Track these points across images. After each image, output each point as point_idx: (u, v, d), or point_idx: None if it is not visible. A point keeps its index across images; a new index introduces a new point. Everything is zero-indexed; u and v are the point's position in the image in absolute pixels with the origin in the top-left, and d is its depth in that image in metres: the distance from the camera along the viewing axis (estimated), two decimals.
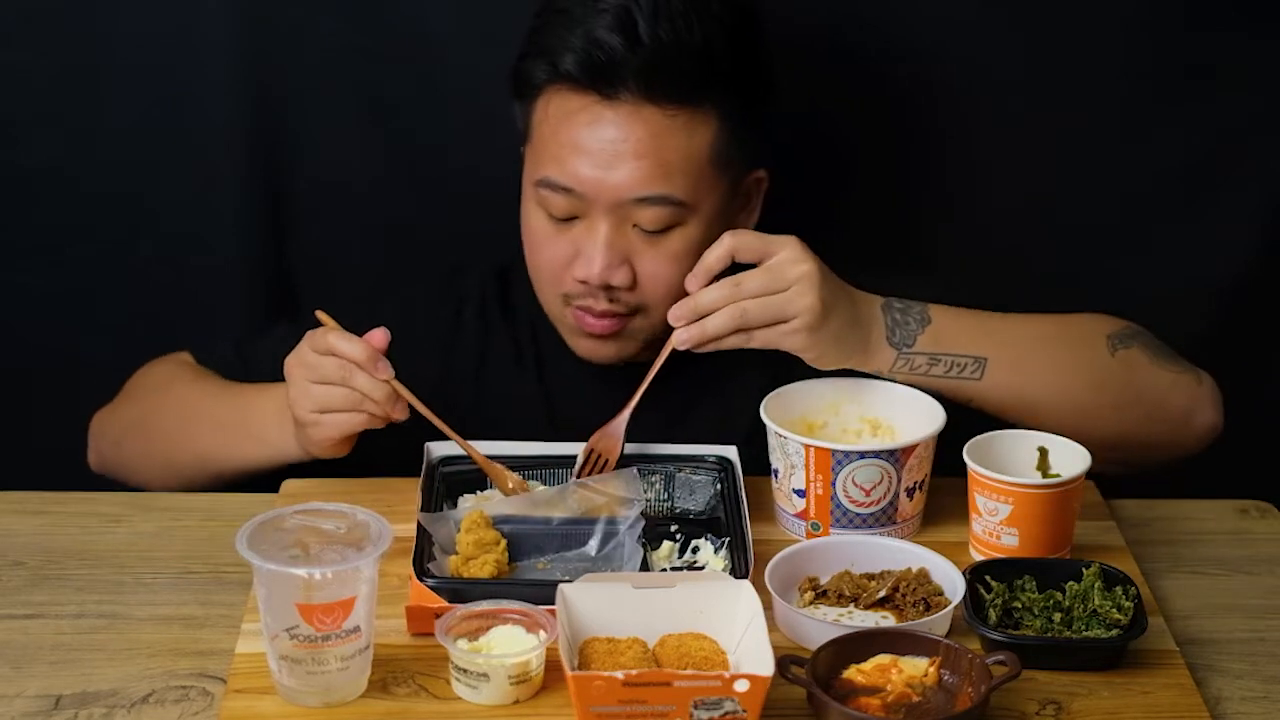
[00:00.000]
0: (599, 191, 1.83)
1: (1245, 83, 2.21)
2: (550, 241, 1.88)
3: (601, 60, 1.80)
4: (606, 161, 1.82)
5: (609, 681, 1.45)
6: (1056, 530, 1.73)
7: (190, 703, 1.55)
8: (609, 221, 1.85)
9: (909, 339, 1.82)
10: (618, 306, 1.88)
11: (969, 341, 1.85)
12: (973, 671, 1.52)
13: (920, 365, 1.83)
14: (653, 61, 1.80)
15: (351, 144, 2.22)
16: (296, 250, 2.26)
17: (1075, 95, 2.21)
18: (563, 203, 1.85)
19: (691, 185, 1.84)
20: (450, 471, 1.85)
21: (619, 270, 1.86)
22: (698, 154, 1.84)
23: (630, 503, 1.77)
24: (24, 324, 2.27)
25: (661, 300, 1.86)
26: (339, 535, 1.55)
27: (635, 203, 1.83)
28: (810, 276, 1.75)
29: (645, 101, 1.81)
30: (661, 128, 1.82)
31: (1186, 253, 2.26)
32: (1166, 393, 1.91)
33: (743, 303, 1.75)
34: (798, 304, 1.75)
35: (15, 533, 1.83)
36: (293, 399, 1.79)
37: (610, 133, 1.82)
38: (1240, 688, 1.61)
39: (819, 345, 1.77)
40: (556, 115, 1.85)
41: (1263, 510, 1.93)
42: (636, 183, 1.83)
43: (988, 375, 1.84)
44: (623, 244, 1.86)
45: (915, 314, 1.84)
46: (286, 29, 2.17)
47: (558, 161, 1.84)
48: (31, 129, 2.20)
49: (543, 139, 1.87)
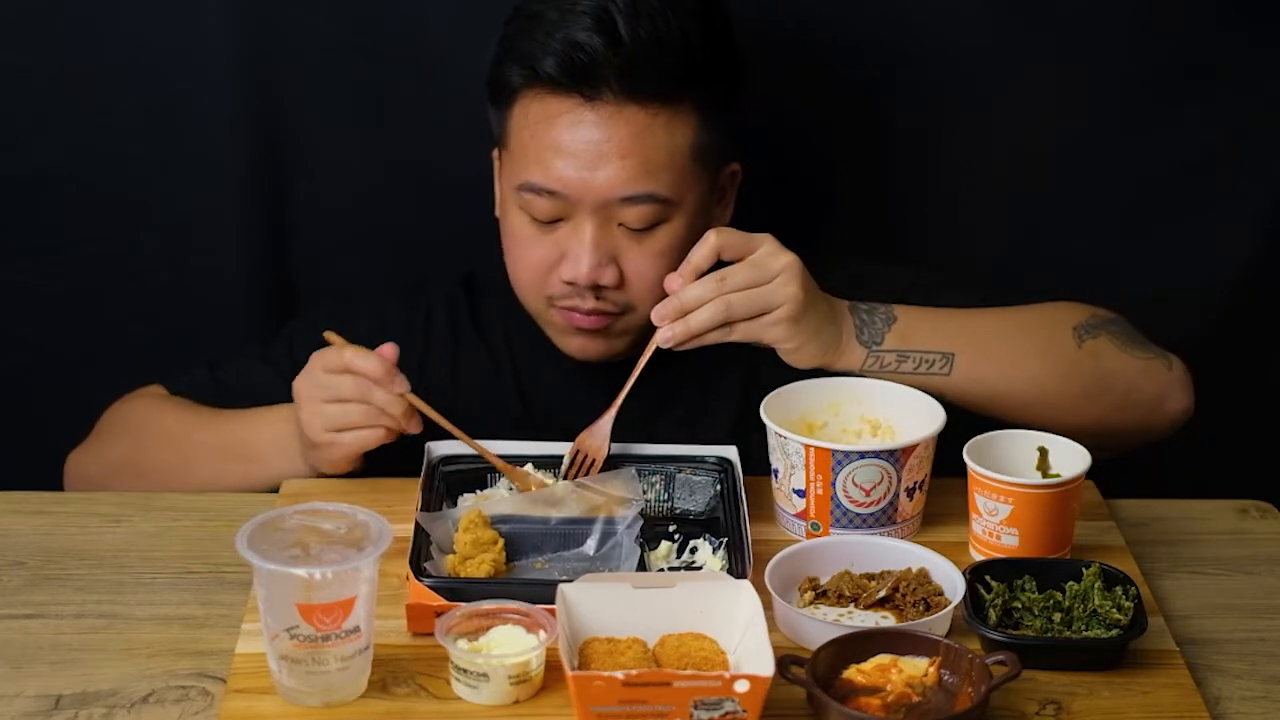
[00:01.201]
0: (584, 192, 1.83)
1: (1245, 83, 2.21)
2: (533, 244, 1.88)
3: (583, 62, 1.80)
4: (590, 162, 1.83)
5: (609, 681, 1.45)
6: (1056, 530, 1.73)
7: (190, 703, 1.55)
8: (594, 221, 1.85)
9: (877, 337, 1.84)
10: (605, 305, 1.89)
11: (935, 338, 1.86)
12: (973, 671, 1.52)
13: (890, 362, 1.85)
14: (634, 60, 1.80)
15: (351, 144, 2.22)
16: (296, 250, 2.26)
17: (1075, 95, 2.21)
18: (546, 205, 1.85)
19: (675, 182, 1.85)
20: (451, 471, 1.85)
21: (607, 269, 1.86)
22: (680, 150, 1.85)
23: (629, 503, 1.77)
24: (24, 324, 2.27)
25: (649, 297, 1.86)
26: (339, 535, 1.55)
27: (621, 202, 1.84)
28: (792, 267, 1.77)
29: (627, 100, 1.82)
30: (643, 126, 1.83)
31: (1186, 253, 2.26)
32: (1135, 379, 1.92)
33: (727, 296, 1.76)
34: (780, 294, 1.76)
35: (15, 533, 1.83)
36: (305, 420, 1.80)
37: (593, 134, 1.82)
38: (1240, 688, 1.61)
39: (799, 336, 1.79)
40: (536, 119, 1.85)
41: (1263, 510, 1.93)
42: (621, 182, 1.83)
43: (956, 370, 1.85)
44: (609, 243, 1.86)
45: (881, 314, 1.86)
46: (286, 29, 2.17)
47: (540, 165, 1.84)
48: (31, 129, 2.20)
49: (522, 143, 1.86)
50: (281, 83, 2.18)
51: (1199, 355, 2.21)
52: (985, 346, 1.87)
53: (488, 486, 1.85)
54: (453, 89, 2.18)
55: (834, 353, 1.83)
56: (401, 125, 2.21)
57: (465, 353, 2.03)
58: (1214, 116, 2.22)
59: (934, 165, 2.25)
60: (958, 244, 2.24)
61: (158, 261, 2.25)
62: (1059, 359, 1.90)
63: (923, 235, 2.27)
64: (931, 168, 2.25)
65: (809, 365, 1.83)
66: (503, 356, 2.02)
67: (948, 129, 2.23)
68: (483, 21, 2.15)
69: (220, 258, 2.24)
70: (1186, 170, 2.24)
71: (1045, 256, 2.27)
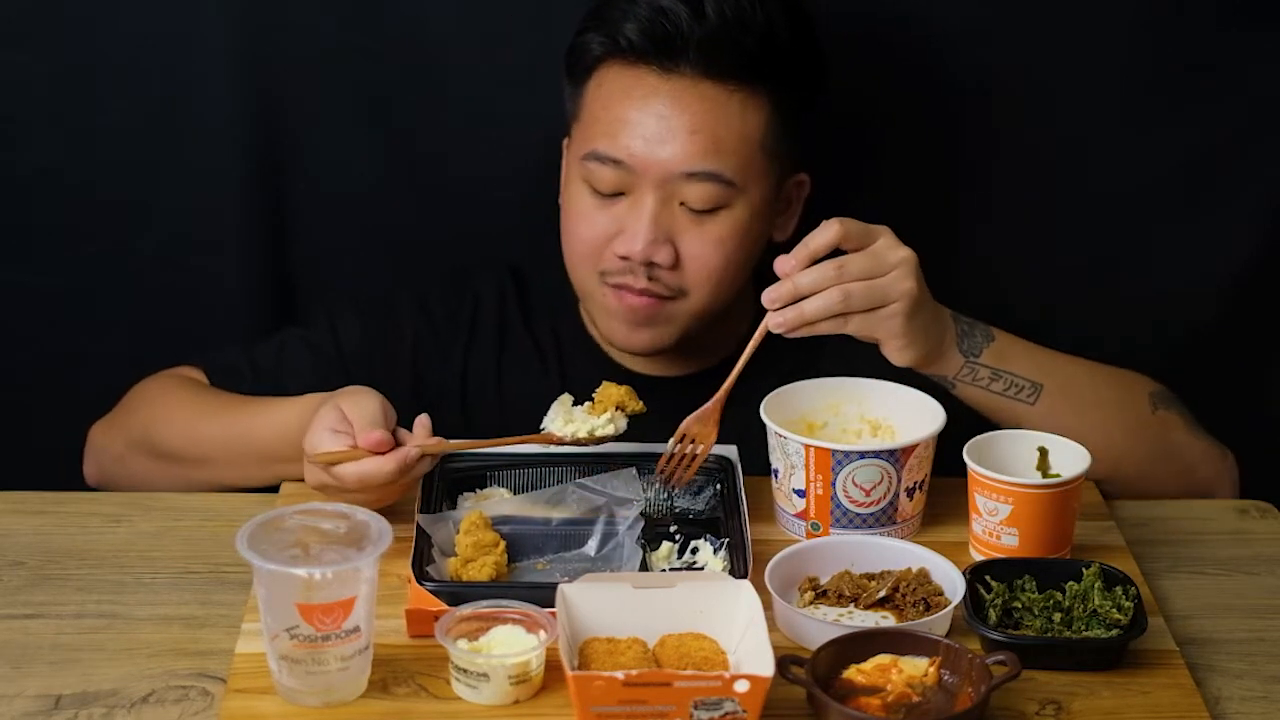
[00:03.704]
0: (648, 165, 1.84)
1: (1245, 83, 2.21)
2: (593, 217, 1.88)
3: (666, 30, 1.82)
4: (659, 135, 1.84)
5: (609, 682, 1.45)
6: (1056, 530, 1.73)
7: (190, 703, 1.55)
8: (656, 197, 1.85)
9: (975, 350, 1.84)
10: (657, 286, 1.87)
11: (1028, 365, 1.87)
12: (973, 671, 1.52)
13: (983, 377, 1.85)
14: (716, 35, 1.82)
15: (351, 144, 2.21)
16: (296, 250, 2.25)
17: (1075, 95, 2.21)
18: (611, 176, 1.86)
19: (742, 166, 1.85)
20: (451, 470, 1.85)
21: (663, 248, 1.86)
22: (750, 135, 1.86)
23: (629, 503, 1.77)
24: (24, 324, 2.27)
25: (702, 284, 1.86)
26: (339, 535, 1.55)
27: (684, 178, 1.84)
28: (910, 261, 1.76)
29: (703, 77, 1.83)
30: (717, 104, 1.84)
31: (1187, 252, 2.26)
32: (1196, 461, 1.95)
33: (846, 285, 1.73)
34: (898, 288, 1.75)
35: (15, 533, 1.83)
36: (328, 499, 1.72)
37: (665, 107, 1.84)
38: (1240, 688, 1.61)
39: (910, 333, 1.77)
40: (610, 90, 1.86)
41: (1263, 510, 1.93)
42: (688, 157, 1.83)
43: (1041, 401, 1.86)
44: (668, 221, 1.86)
45: (980, 330, 1.86)
46: (286, 29, 2.16)
47: (609, 135, 1.85)
48: (31, 129, 2.20)
49: (594, 114, 1.88)
50: (281, 83, 2.18)
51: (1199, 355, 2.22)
52: (1069, 387, 1.88)
53: (487, 486, 1.85)
54: (453, 89, 2.18)
55: (935, 354, 1.82)
56: (401, 125, 2.21)
57: (511, 347, 2.02)
58: (1214, 116, 2.22)
59: (934, 165, 2.24)
60: (957, 244, 2.23)
61: (157, 261, 2.24)
62: (1133, 418, 1.92)
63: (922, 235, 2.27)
64: (931, 168, 2.25)
65: (908, 364, 1.81)
66: (549, 350, 2.01)
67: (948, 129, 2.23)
68: (483, 21, 2.16)
69: (220, 258, 2.24)
70: (1186, 170, 2.24)
71: (1045, 256, 2.27)
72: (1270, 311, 2.30)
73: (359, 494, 1.72)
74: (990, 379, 1.85)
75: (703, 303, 1.90)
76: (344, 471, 1.71)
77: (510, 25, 2.15)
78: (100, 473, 2.04)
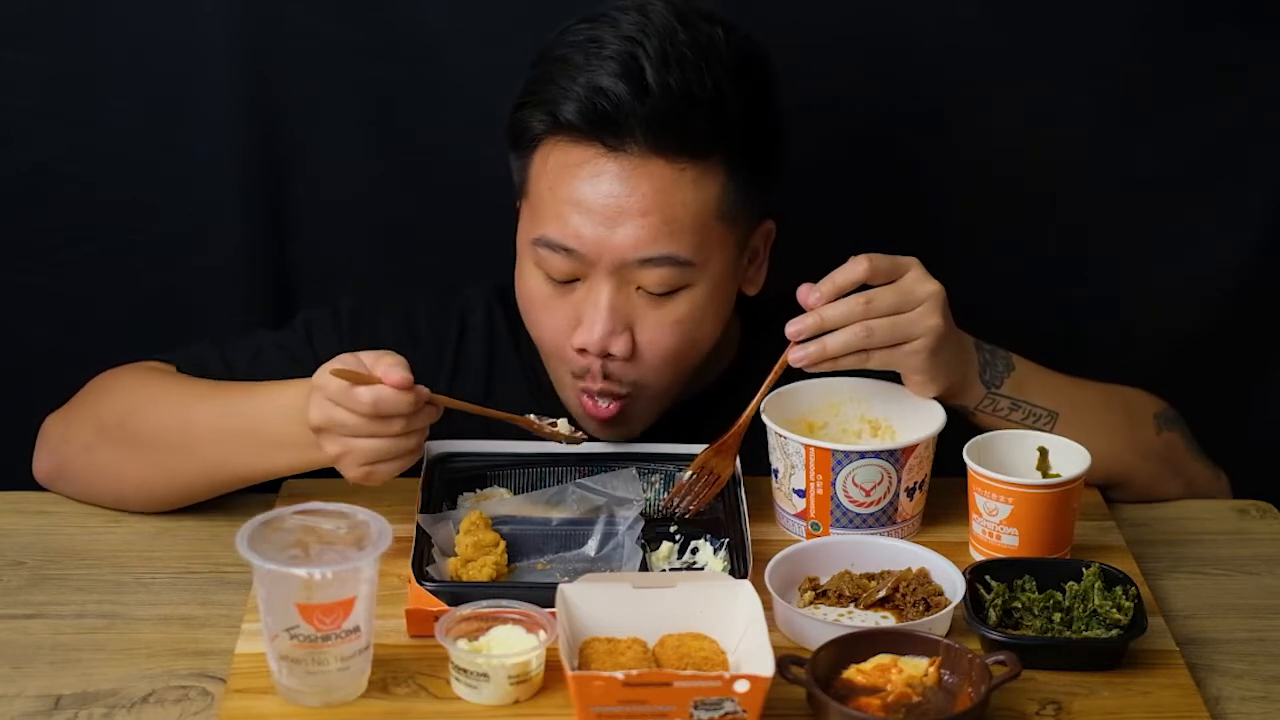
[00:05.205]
0: (601, 252, 1.75)
1: (1245, 83, 2.21)
2: (550, 307, 1.80)
3: (606, 109, 1.71)
4: (609, 219, 1.74)
5: (609, 681, 1.45)
6: (1056, 530, 1.73)
7: (190, 703, 1.55)
8: (611, 284, 1.76)
9: (996, 380, 1.83)
10: (614, 385, 1.80)
11: (1045, 394, 1.86)
12: (973, 671, 1.52)
13: (1003, 408, 1.84)
14: (661, 111, 1.71)
15: (351, 144, 2.22)
16: (296, 250, 2.25)
17: (1075, 95, 2.21)
18: (563, 264, 1.77)
19: (698, 243, 1.76)
20: (450, 470, 1.85)
21: (620, 338, 1.78)
22: (705, 209, 1.76)
23: (629, 503, 1.77)
24: (24, 324, 2.27)
25: (659, 369, 1.80)
26: (339, 535, 1.55)
27: (639, 264, 1.75)
28: (937, 296, 1.72)
29: (651, 154, 1.73)
30: (667, 181, 1.73)
31: (1186, 253, 2.26)
32: (1194, 481, 1.97)
33: (870, 321, 1.70)
34: (923, 324, 1.71)
35: (15, 533, 1.83)
36: (335, 457, 1.69)
37: (614, 187, 1.73)
38: (1240, 688, 1.61)
39: (933, 368, 1.74)
40: (556, 169, 1.76)
41: (1263, 510, 1.93)
42: (640, 242, 1.74)
43: (1055, 429, 1.85)
44: (625, 308, 1.78)
45: (1001, 358, 1.84)
46: (286, 29, 2.16)
47: (558, 219, 1.76)
48: (31, 129, 2.20)
49: (540, 194, 1.78)
50: (281, 82, 2.18)
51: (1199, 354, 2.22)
52: (1082, 413, 1.87)
53: (487, 486, 1.85)
54: (452, 89, 2.18)
55: (959, 386, 1.80)
56: (401, 125, 2.21)
57: (500, 373, 1.95)
58: (1214, 116, 2.22)
59: (933, 165, 2.24)
60: (957, 244, 2.23)
61: (157, 261, 2.25)
62: (1140, 441, 1.93)
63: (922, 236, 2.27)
64: (930, 168, 2.25)
65: (930, 396, 1.79)
66: (540, 381, 1.92)
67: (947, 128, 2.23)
68: (483, 21, 2.16)
69: (220, 258, 2.24)
70: (1186, 170, 2.24)
71: (1045, 256, 2.27)
72: (1270, 311, 2.30)
73: (366, 427, 1.64)
74: (1010, 409, 1.84)
75: (664, 385, 1.83)
76: (360, 393, 1.63)
77: (510, 25, 2.15)
78: (57, 466, 1.91)
